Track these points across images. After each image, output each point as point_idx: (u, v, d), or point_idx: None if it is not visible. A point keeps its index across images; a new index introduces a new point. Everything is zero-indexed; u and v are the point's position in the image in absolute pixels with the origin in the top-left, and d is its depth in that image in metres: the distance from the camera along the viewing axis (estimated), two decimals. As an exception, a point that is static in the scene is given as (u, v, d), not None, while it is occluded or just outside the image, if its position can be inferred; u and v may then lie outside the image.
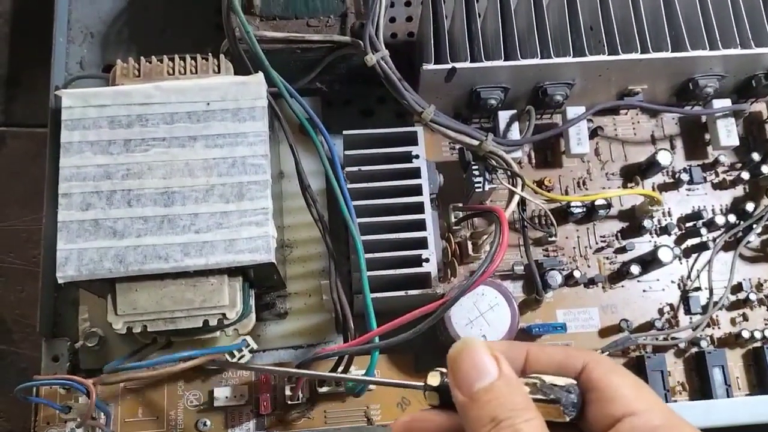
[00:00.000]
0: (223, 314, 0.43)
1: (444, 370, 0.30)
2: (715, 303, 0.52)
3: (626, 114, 0.58)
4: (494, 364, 0.28)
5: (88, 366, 0.51)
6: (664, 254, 0.51)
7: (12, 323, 0.61)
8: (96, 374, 0.51)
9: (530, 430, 0.26)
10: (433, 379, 0.30)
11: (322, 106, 0.58)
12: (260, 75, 0.46)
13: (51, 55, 0.57)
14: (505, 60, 0.50)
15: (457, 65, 0.49)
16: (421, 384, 0.31)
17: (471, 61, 0.50)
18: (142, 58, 0.47)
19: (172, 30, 0.60)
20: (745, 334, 0.52)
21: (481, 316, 0.48)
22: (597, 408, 0.28)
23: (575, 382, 0.29)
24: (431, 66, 0.49)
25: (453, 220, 0.53)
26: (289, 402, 0.48)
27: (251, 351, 0.48)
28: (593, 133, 0.57)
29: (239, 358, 0.48)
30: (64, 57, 0.59)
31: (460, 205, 0.53)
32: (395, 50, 0.50)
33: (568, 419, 0.28)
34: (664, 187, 0.56)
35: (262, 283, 0.50)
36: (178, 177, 0.44)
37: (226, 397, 0.49)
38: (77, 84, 0.55)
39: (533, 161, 0.57)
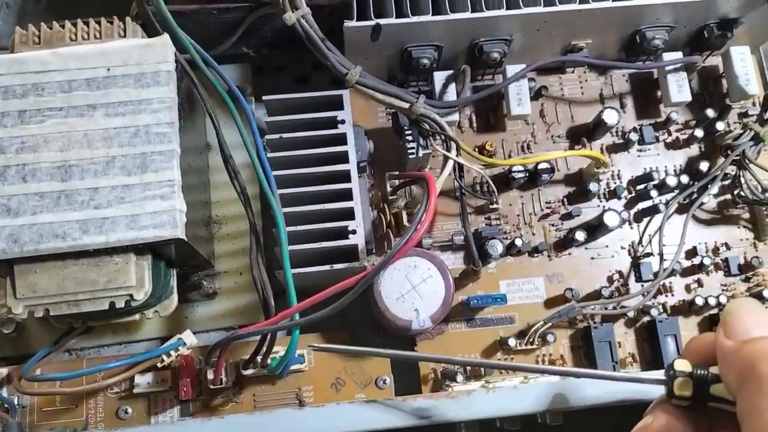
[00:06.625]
0: (131, 295, 0.40)
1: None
2: (665, 269, 0.49)
3: (573, 72, 0.55)
4: None
5: (6, 354, 0.49)
6: (610, 219, 0.48)
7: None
8: (14, 362, 0.48)
9: None
10: (683, 365, 0.25)
11: (253, 72, 0.55)
12: (165, 36, 0.43)
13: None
14: (433, 15, 0.46)
15: (382, 21, 0.46)
16: (661, 377, 0.26)
17: (397, 17, 0.46)
18: (42, 24, 0.44)
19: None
20: (699, 301, 0.49)
21: (413, 290, 0.45)
22: None
23: None
24: (353, 23, 0.46)
25: (389, 189, 0.50)
26: (212, 386, 0.45)
27: (189, 348, 0.46)
28: (537, 94, 0.53)
29: (177, 357, 0.46)
30: (-22, 29, 0.56)
31: (396, 173, 0.50)
32: (322, 11, 0.47)
33: None
34: (613, 149, 0.53)
35: (184, 262, 0.47)
36: (76, 149, 0.41)
37: (148, 383, 0.46)
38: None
39: (474, 125, 0.54)
